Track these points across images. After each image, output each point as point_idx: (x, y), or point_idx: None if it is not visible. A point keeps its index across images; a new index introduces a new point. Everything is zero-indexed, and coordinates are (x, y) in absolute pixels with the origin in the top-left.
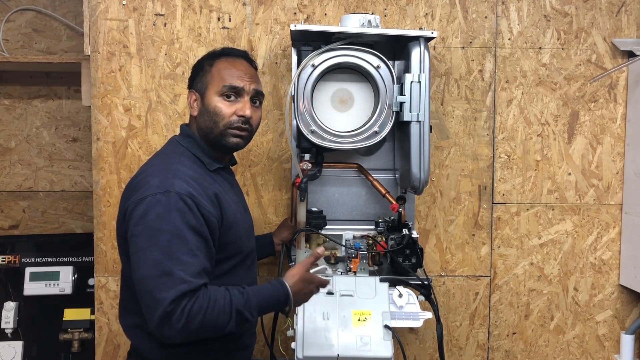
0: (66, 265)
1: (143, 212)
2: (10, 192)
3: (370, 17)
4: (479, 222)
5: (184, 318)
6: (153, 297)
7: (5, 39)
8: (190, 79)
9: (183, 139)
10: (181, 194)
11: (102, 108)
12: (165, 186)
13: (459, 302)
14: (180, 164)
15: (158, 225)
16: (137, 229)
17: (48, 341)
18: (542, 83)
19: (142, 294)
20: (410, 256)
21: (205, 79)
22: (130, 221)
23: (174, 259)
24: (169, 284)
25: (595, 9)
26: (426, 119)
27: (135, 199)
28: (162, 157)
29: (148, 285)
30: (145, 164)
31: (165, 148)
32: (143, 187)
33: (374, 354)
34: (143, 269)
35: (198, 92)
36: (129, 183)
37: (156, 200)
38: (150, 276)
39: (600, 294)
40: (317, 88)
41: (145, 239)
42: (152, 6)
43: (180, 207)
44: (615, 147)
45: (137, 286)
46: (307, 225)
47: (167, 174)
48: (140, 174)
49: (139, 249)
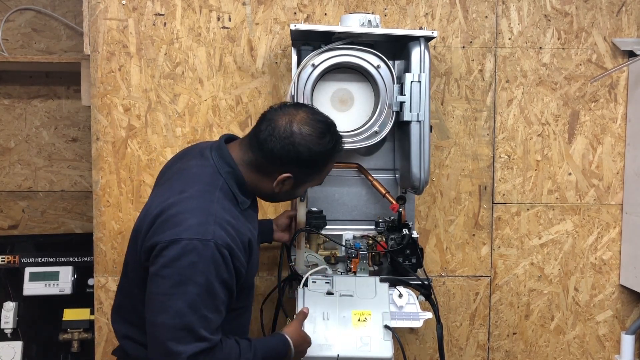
0: (66, 266)
1: (176, 256)
2: (10, 192)
3: (370, 17)
4: (479, 222)
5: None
6: (168, 348)
7: (5, 38)
8: (295, 163)
9: (222, 165)
10: (219, 246)
11: (101, 108)
12: (204, 232)
13: (459, 302)
14: (219, 203)
15: (190, 274)
16: (166, 271)
17: (47, 341)
18: (542, 83)
19: (155, 340)
20: (410, 256)
21: (311, 177)
22: (159, 259)
23: (199, 315)
24: (188, 339)
25: (595, 9)
26: (426, 119)
27: (169, 238)
28: (201, 187)
29: (164, 335)
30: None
31: (202, 171)
32: (179, 225)
33: (374, 354)
34: (163, 316)
35: (295, 180)
36: (159, 209)
37: (193, 246)
38: (170, 326)
39: (600, 294)
40: (317, 88)
41: (172, 285)
42: (152, 6)
43: (216, 259)
44: (615, 147)
45: (151, 329)
46: (307, 225)
47: (207, 216)
48: (175, 205)
49: (163, 292)
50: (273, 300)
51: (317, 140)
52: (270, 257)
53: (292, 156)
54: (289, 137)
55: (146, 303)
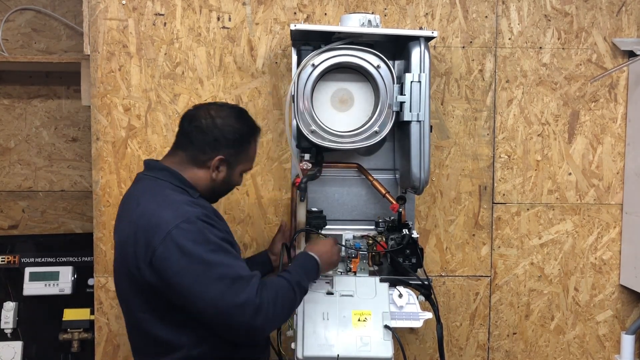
0: (66, 265)
1: (178, 246)
2: (10, 192)
3: (370, 17)
4: (479, 222)
5: (271, 303)
6: (235, 304)
7: (5, 38)
8: (224, 144)
9: (156, 173)
10: (199, 217)
11: (101, 108)
12: (180, 215)
13: (459, 302)
14: (173, 195)
15: (199, 248)
16: (182, 262)
17: (48, 341)
18: (542, 83)
19: (220, 311)
20: (410, 256)
21: (241, 157)
22: (169, 259)
23: (234, 266)
24: (243, 285)
25: (595, 9)
26: (426, 119)
27: (160, 239)
28: (151, 193)
29: (224, 299)
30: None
31: (144, 186)
32: (159, 224)
33: (374, 354)
34: (212, 289)
35: (227, 162)
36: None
37: (182, 230)
38: (223, 291)
39: (600, 294)
40: (317, 88)
41: (196, 267)
42: (152, 6)
43: (205, 226)
44: (615, 147)
45: (210, 309)
46: (307, 225)
47: (173, 205)
48: (142, 216)
49: (195, 276)
50: None
51: (236, 120)
52: None
53: (219, 138)
54: (211, 123)
55: (188, 299)
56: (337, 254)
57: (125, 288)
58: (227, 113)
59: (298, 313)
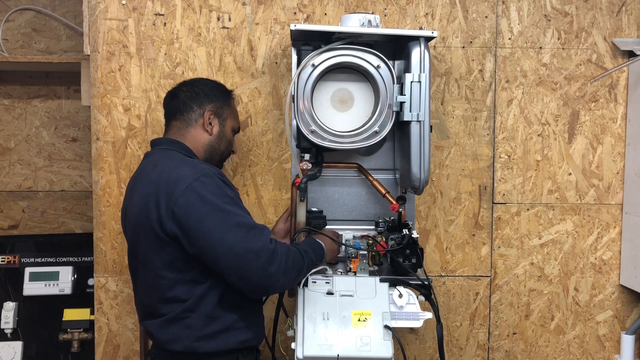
0: (66, 266)
1: (199, 195)
2: (10, 192)
3: (370, 17)
4: (479, 222)
5: (284, 255)
6: (253, 250)
7: (5, 38)
8: (206, 97)
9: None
10: (215, 174)
11: (101, 108)
12: (200, 170)
13: (459, 302)
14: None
15: (219, 198)
16: (202, 210)
17: (48, 341)
18: (542, 83)
19: (238, 256)
20: (410, 256)
21: (226, 112)
22: (190, 208)
23: (248, 216)
24: (258, 233)
25: (595, 9)
26: (426, 119)
27: (181, 189)
28: (167, 158)
29: (242, 244)
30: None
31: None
32: (180, 178)
33: (374, 354)
34: (230, 236)
35: (217, 116)
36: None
37: (202, 182)
38: (242, 237)
39: (600, 294)
40: (317, 88)
41: (217, 214)
42: (152, 6)
43: (221, 183)
44: (615, 147)
45: (229, 255)
46: (307, 225)
47: (190, 163)
48: (162, 173)
49: (215, 224)
50: (273, 301)
51: (209, 80)
52: None
53: (200, 93)
54: (189, 86)
55: (208, 247)
56: (338, 242)
57: (146, 246)
58: (199, 79)
59: (298, 313)
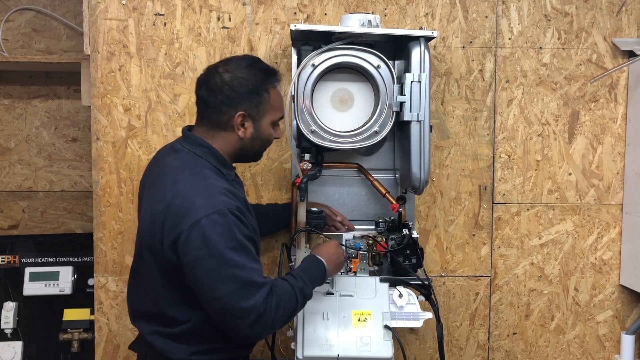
0: (66, 266)
1: (203, 235)
2: (10, 192)
3: (370, 17)
4: (479, 222)
5: (273, 313)
6: (241, 307)
7: (5, 38)
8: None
9: (196, 148)
10: (232, 210)
11: (101, 108)
12: (214, 205)
13: (459, 302)
14: (211, 178)
15: (223, 243)
16: (201, 252)
17: (48, 341)
18: (542, 83)
19: (225, 309)
20: (410, 256)
21: (263, 107)
22: (190, 246)
23: (249, 269)
24: (252, 291)
25: (595, 9)
26: (426, 119)
27: (188, 224)
28: (189, 172)
29: (232, 300)
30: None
31: (183, 160)
32: (190, 209)
33: (374, 354)
34: (222, 287)
35: (250, 117)
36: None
37: (212, 220)
38: (232, 291)
39: (600, 294)
40: (317, 88)
41: (215, 260)
42: (152, 6)
43: (235, 222)
44: (615, 147)
45: (217, 305)
46: (307, 225)
47: (208, 191)
48: (177, 196)
49: (210, 269)
50: None
51: (245, 71)
52: (270, 257)
53: (231, 94)
54: (220, 81)
55: (198, 287)
56: (342, 255)
57: (149, 259)
58: (235, 66)
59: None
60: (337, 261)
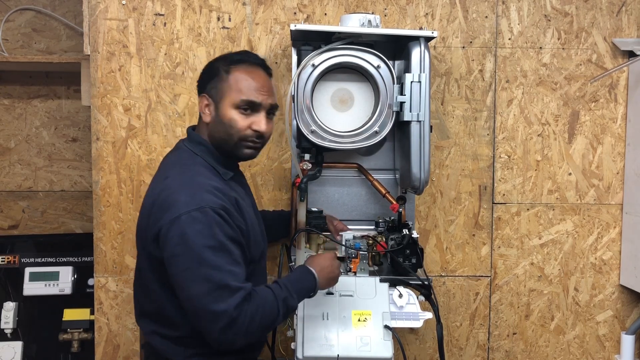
0: (66, 266)
1: (182, 232)
2: (10, 192)
3: (370, 17)
4: (479, 222)
5: (247, 320)
6: (212, 311)
7: (5, 38)
8: (202, 81)
9: (194, 146)
10: (215, 208)
11: (101, 108)
12: (197, 202)
13: (459, 302)
14: (201, 175)
15: (201, 242)
16: (178, 249)
17: (48, 341)
18: (542, 83)
19: (196, 311)
20: (410, 256)
21: (221, 87)
22: (169, 242)
23: (225, 271)
24: (225, 294)
25: (595, 9)
26: (426, 119)
27: (168, 219)
28: (181, 168)
29: (202, 301)
30: (162, 178)
31: (179, 157)
32: (173, 205)
33: (374, 354)
34: (195, 287)
35: (212, 98)
36: (151, 200)
37: (192, 217)
38: (204, 292)
39: (600, 294)
40: (317, 88)
41: (190, 258)
42: (152, 6)
43: (217, 221)
44: (615, 147)
45: (188, 304)
46: (307, 225)
47: (194, 188)
48: (163, 190)
49: (185, 268)
50: None
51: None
52: (270, 257)
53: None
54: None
55: (174, 285)
56: (337, 268)
57: (141, 253)
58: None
59: (298, 313)
60: (329, 275)
